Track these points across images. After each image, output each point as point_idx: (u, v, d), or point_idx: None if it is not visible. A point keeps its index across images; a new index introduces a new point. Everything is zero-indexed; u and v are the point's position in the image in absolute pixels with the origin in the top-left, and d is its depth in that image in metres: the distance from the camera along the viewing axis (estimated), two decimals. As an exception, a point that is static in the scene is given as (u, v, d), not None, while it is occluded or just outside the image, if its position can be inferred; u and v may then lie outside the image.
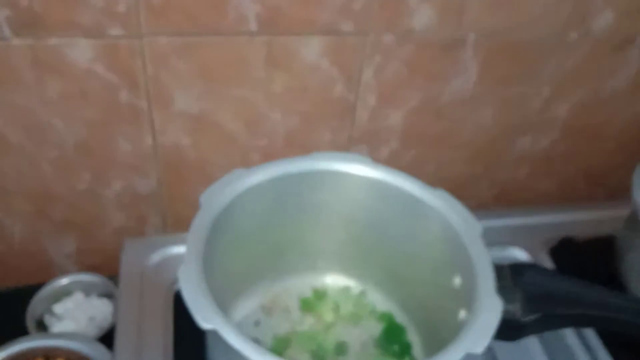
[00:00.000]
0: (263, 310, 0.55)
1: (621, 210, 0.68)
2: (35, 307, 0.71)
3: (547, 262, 0.67)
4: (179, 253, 0.62)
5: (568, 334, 0.59)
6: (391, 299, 0.56)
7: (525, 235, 0.72)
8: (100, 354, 0.64)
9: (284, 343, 0.52)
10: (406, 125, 0.73)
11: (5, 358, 0.62)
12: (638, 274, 0.61)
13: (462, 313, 0.42)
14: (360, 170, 0.49)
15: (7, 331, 0.65)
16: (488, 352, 0.56)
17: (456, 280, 0.45)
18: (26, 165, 0.65)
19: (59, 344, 0.65)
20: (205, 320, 0.35)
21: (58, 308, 0.72)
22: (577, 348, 0.58)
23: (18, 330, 0.68)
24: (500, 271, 0.45)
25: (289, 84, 0.65)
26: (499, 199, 0.88)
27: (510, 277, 0.45)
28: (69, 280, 0.74)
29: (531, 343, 0.58)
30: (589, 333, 0.59)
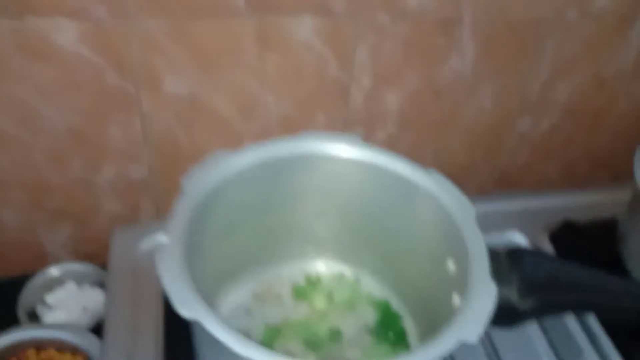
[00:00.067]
0: (255, 298, 0.54)
1: (624, 193, 0.66)
2: (26, 297, 0.70)
3: (548, 247, 0.66)
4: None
5: (569, 321, 0.58)
6: (386, 286, 0.54)
7: (524, 219, 0.71)
8: (91, 344, 0.63)
9: (276, 332, 0.50)
10: (403, 107, 0.72)
11: (-5, 349, 0.62)
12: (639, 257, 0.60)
13: (457, 299, 0.40)
14: (350, 151, 0.48)
15: (-1, 322, 0.64)
16: (486, 339, 0.54)
17: (450, 265, 0.44)
18: (18, 154, 0.64)
19: (50, 335, 0.64)
20: (186, 308, 0.34)
21: (50, 298, 0.71)
22: (579, 335, 0.57)
23: (10, 321, 0.67)
24: (496, 256, 0.44)
25: (282, 65, 0.63)
26: (500, 184, 0.87)
27: (506, 262, 0.44)
28: (61, 269, 0.73)
29: (532, 330, 0.57)
30: (591, 319, 0.58)
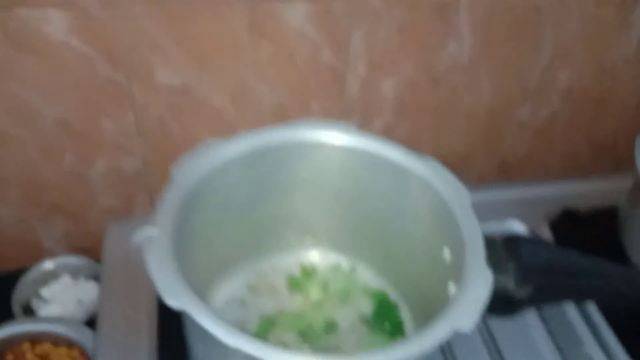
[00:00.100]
0: (249, 289, 0.53)
1: (625, 182, 0.65)
2: (21, 291, 0.69)
3: (548, 235, 0.65)
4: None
5: (569, 310, 0.57)
6: (382, 276, 0.53)
7: (525, 208, 0.70)
8: (86, 337, 0.63)
9: (270, 323, 0.50)
10: (400, 95, 0.70)
11: (-11, 343, 0.61)
12: (641, 245, 0.59)
13: (452, 288, 0.39)
14: (343, 138, 0.47)
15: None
16: (484, 328, 0.53)
17: (446, 253, 0.43)
18: (10, 148, 0.63)
19: (44, 329, 0.64)
20: (173, 299, 0.33)
21: (45, 292, 0.70)
22: (579, 324, 0.56)
23: (5, 315, 0.66)
24: (492, 243, 0.43)
25: (275, 53, 0.62)
26: (501, 173, 0.85)
27: (503, 250, 0.43)
28: (56, 263, 0.72)
29: (530, 319, 0.56)
30: (591, 308, 0.57)
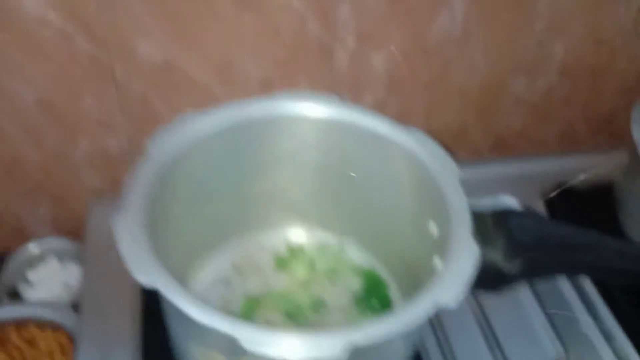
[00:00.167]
0: (234, 268, 0.51)
1: (623, 157, 0.64)
2: (7, 275, 0.68)
3: (542, 211, 0.63)
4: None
5: (563, 286, 0.56)
6: (371, 253, 0.52)
7: (519, 184, 0.68)
8: (73, 321, 0.61)
9: (255, 303, 0.48)
10: (391, 68, 0.68)
11: (-27, 329, 0.60)
12: (637, 218, 0.57)
13: (439, 263, 0.38)
14: (327, 111, 0.45)
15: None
16: (475, 305, 0.52)
17: (432, 228, 0.41)
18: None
19: (30, 312, 0.63)
20: (143, 275, 0.32)
21: (31, 275, 0.69)
22: (573, 300, 0.55)
23: (-10, 299, 0.65)
24: (481, 217, 0.41)
25: (259, 25, 0.60)
26: (495, 149, 0.84)
27: (491, 223, 0.41)
28: (42, 246, 0.71)
29: (524, 295, 0.55)
30: (586, 284, 0.56)
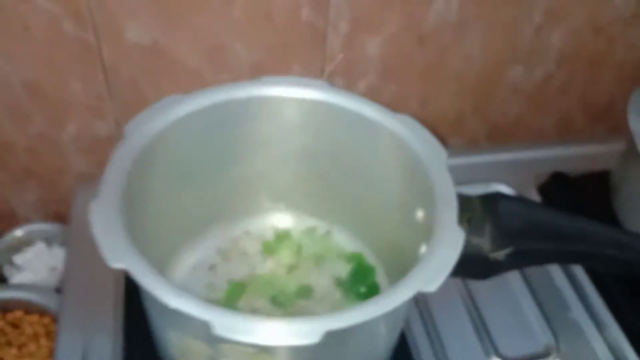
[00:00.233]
0: (220, 253, 0.50)
1: (620, 145, 0.63)
2: (-7, 259, 0.67)
3: (536, 198, 0.62)
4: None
5: (556, 275, 0.55)
6: (359, 239, 0.51)
7: (515, 172, 0.68)
8: (58, 305, 0.61)
9: (240, 289, 0.47)
10: (385, 55, 0.67)
11: (-42, 312, 0.59)
12: (632, 208, 0.56)
13: (424, 249, 0.37)
14: (315, 94, 0.44)
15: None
16: (466, 293, 0.51)
17: (419, 213, 0.40)
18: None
19: (15, 296, 0.62)
20: (114, 259, 0.31)
21: (18, 259, 0.68)
22: (566, 289, 0.54)
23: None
24: (468, 201, 0.40)
25: (250, 8, 0.59)
26: (491, 138, 0.83)
27: (479, 208, 0.40)
28: (29, 230, 0.70)
29: (515, 284, 0.54)
30: (579, 272, 0.55)
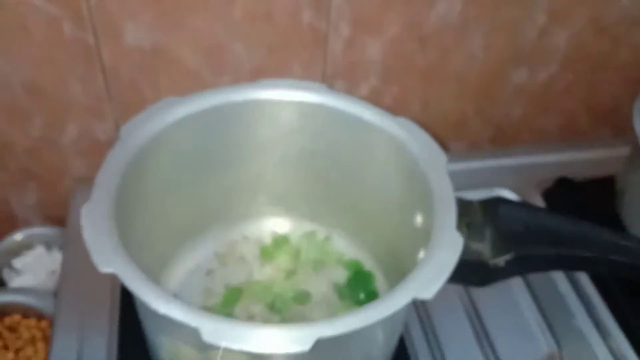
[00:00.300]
0: (217, 258, 0.50)
1: (625, 149, 0.62)
2: (-8, 263, 0.67)
3: (540, 204, 0.61)
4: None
5: (559, 281, 0.54)
6: (358, 244, 0.50)
7: (519, 176, 0.67)
8: (56, 308, 0.60)
9: (237, 294, 0.47)
10: (387, 57, 0.67)
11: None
12: (638, 212, 0.55)
13: (422, 254, 0.36)
14: (313, 97, 0.43)
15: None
16: (467, 300, 0.50)
17: (418, 218, 0.39)
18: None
19: (14, 300, 0.62)
20: (104, 263, 0.30)
21: (17, 262, 0.68)
22: (570, 296, 0.53)
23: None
24: (469, 206, 0.39)
25: (251, 9, 0.58)
26: (495, 141, 0.82)
27: (480, 213, 0.39)
28: (29, 233, 0.70)
29: (517, 289, 0.53)
30: (583, 279, 0.54)
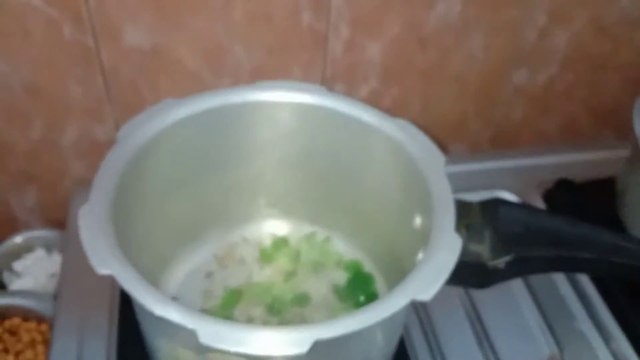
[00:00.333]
0: (217, 260, 0.50)
1: (626, 150, 0.62)
2: (-8, 266, 0.67)
3: (541, 206, 0.61)
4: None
5: (560, 283, 0.54)
6: (358, 246, 0.50)
7: (519, 178, 0.67)
8: (55, 311, 0.60)
9: (236, 296, 0.47)
10: (386, 58, 0.67)
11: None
12: (638, 214, 0.55)
13: (420, 256, 0.36)
14: (312, 98, 0.43)
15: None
16: (468, 302, 0.50)
17: (417, 220, 0.39)
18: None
19: (13, 302, 0.62)
20: (101, 265, 0.30)
21: (17, 265, 0.68)
22: (571, 298, 0.53)
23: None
24: (468, 207, 0.39)
25: (250, 10, 0.58)
26: (495, 142, 0.82)
27: (479, 215, 0.39)
28: (29, 236, 0.70)
29: (519, 293, 0.53)
30: (584, 281, 0.54)
